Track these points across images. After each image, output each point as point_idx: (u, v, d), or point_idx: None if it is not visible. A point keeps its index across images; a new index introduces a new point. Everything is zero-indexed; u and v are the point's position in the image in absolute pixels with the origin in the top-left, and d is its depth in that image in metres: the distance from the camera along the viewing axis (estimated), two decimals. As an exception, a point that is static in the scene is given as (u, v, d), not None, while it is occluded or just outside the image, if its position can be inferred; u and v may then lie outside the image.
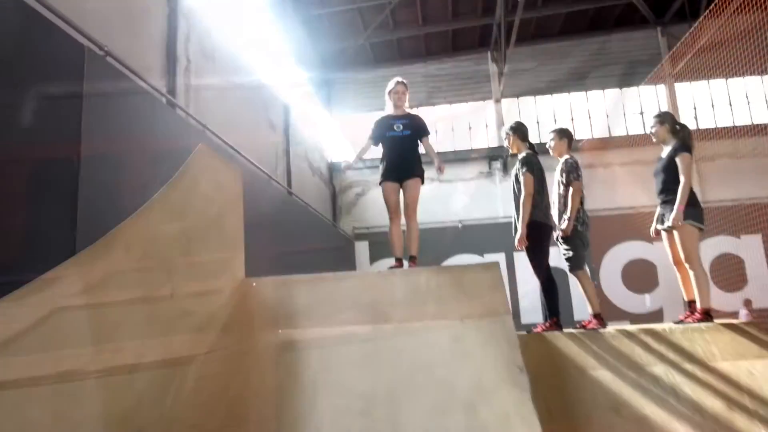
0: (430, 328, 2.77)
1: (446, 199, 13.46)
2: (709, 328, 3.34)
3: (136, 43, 5.91)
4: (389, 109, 4.82)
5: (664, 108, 13.96)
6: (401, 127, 4.64)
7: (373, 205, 14.00)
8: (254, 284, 3.30)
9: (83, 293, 1.98)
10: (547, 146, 4.75)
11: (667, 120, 4.28)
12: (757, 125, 12.34)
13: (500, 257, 12.82)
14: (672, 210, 3.92)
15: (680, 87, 13.99)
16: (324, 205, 13.80)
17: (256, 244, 6.59)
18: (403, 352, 2.66)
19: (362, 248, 13.73)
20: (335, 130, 15.27)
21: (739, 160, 12.23)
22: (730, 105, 13.56)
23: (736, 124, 12.96)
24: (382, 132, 4.70)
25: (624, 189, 12.45)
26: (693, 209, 3.92)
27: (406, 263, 4.38)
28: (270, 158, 9.72)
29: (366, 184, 14.38)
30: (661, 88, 14.06)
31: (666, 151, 4.22)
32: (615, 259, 12.03)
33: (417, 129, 4.67)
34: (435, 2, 13.09)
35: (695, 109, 13.67)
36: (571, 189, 4.36)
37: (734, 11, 9.28)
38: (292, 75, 12.09)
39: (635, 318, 11.30)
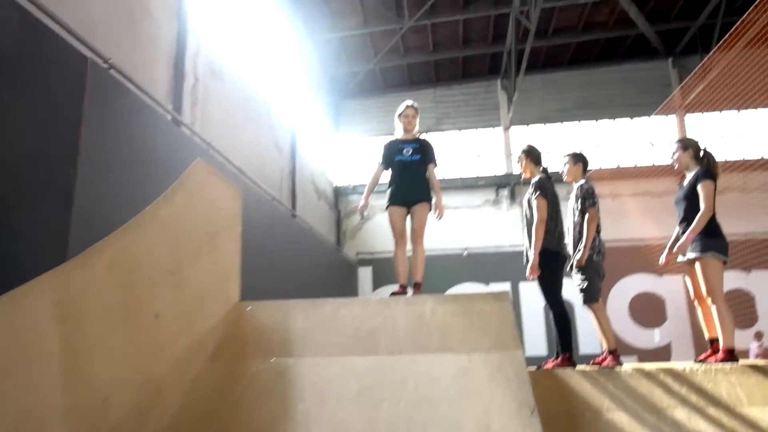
0: (434, 361, 2.56)
1: (452, 225, 13.27)
2: (734, 370, 3.10)
3: (143, 58, 5.85)
4: (399, 133, 4.71)
5: (675, 139, 13.82)
6: (410, 151, 4.55)
7: (378, 231, 13.84)
8: (248, 308, 3.11)
9: (54, 312, 1.80)
10: (560, 172, 4.57)
11: (691, 146, 4.09)
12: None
13: (506, 286, 12.59)
14: (693, 240, 3.71)
15: (691, 118, 13.89)
16: (328, 229, 13.64)
17: (256, 266, 6.42)
18: (404, 386, 2.45)
19: (365, 274, 13.51)
20: (342, 153, 15.21)
21: (750, 194, 12.03)
22: (741, 138, 13.43)
23: (746, 157, 12.81)
24: (392, 156, 4.61)
25: (633, 220, 12.24)
26: (716, 240, 3.68)
27: (410, 291, 4.20)
28: (275, 179, 9.61)
29: (371, 209, 14.06)
30: (672, 119, 13.96)
31: (688, 178, 4.02)
32: (622, 292, 11.73)
33: (426, 154, 4.55)
34: (445, 29, 13.15)
35: (706, 141, 13.52)
36: (586, 216, 4.15)
37: (746, 45, 9.23)
38: (301, 97, 12.08)
39: (643, 353, 10.98)
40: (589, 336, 8.65)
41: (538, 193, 4.19)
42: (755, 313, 11.23)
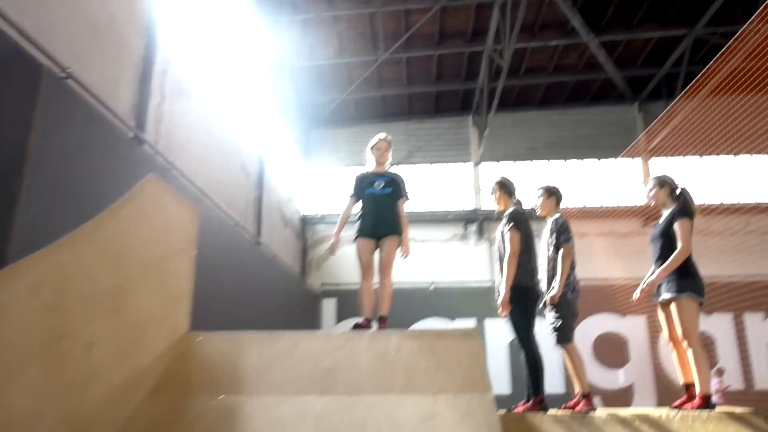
0: (397, 403, 2.35)
1: (419, 259, 13.12)
2: (712, 417, 2.97)
3: (106, 72, 5.61)
4: (371, 166, 4.65)
5: (640, 181, 14.16)
6: (382, 184, 4.51)
7: (344, 261, 13.54)
8: (198, 339, 2.85)
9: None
10: (534, 206, 4.49)
11: (667, 183, 4.06)
12: (729, 205, 12.51)
13: (471, 323, 12.45)
14: (669, 280, 3.61)
15: (655, 162, 14.24)
16: (293, 258, 13.32)
17: (215, 294, 6.11)
18: (364, 431, 2.23)
19: (329, 305, 13.18)
20: (312, 182, 15.02)
21: (713, 238, 12.27)
22: (703, 183, 13.80)
23: (707, 202, 13.14)
24: (363, 188, 4.56)
25: (597, 260, 12.32)
26: (692, 280, 3.58)
27: (374, 325, 4.00)
28: (240, 204, 9.33)
29: (339, 239, 14.00)
30: (637, 162, 14.29)
31: (665, 215, 3.96)
32: (586, 332, 11.72)
33: (397, 188, 4.51)
34: (420, 64, 13.27)
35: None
36: (561, 251, 4.04)
37: (708, 93, 9.54)
38: (272, 123, 11.91)
39: (606, 394, 10.92)
40: (554, 376, 8.55)
41: (510, 225, 4.08)
42: (715, 356, 11.33)
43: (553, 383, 5.36)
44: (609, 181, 14.44)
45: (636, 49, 12.87)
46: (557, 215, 4.30)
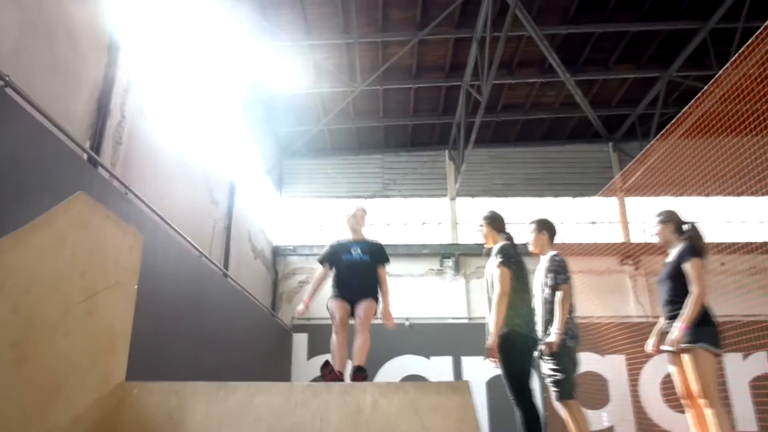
0: (372, 476, 1.93)
1: (394, 294, 12.68)
2: (730, 486, 2.61)
3: (60, 86, 5.17)
4: (347, 234, 4.62)
5: (616, 220, 14.09)
6: (360, 251, 4.46)
7: (316, 295, 13.06)
8: (135, 390, 2.38)
9: None
10: (526, 243, 4.12)
11: (672, 220, 3.74)
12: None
13: (447, 361, 12.02)
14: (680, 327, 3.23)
15: (630, 201, 14.24)
16: (263, 291, 12.74)
17: (174, 331, 5.58)
18: None
19: (301, 341, 12.60)
20: (284, 212, 14.57)
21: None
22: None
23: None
24: (339, 255, 4.50)
25: (576, 298, 12.09)
26: (707, 329, 3.18)
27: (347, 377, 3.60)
28: (206, 234, 8.82)
29: (311, 272, 13.50)
30: (613, 201, 14.27)
31: (672, 255, 3.59)
32: (566, 372, 11.34)
33: (376, 255, 4.47)
34: (397, 96, 13.12)
35: (644, 223, 13.85)
36: (558, 293, 3.65)
37: (681, 135, 9.55)
38: (244, 151, 11.50)
39: (589, 438, 10.48)
40: None
41: (500, 260, 3.65)
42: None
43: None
44: (585, 219, 14.36)
45: (612, 89, 12.98)
46: (553, 252, 3.96)
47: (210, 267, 7.84)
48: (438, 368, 11.82)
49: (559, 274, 3.78)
